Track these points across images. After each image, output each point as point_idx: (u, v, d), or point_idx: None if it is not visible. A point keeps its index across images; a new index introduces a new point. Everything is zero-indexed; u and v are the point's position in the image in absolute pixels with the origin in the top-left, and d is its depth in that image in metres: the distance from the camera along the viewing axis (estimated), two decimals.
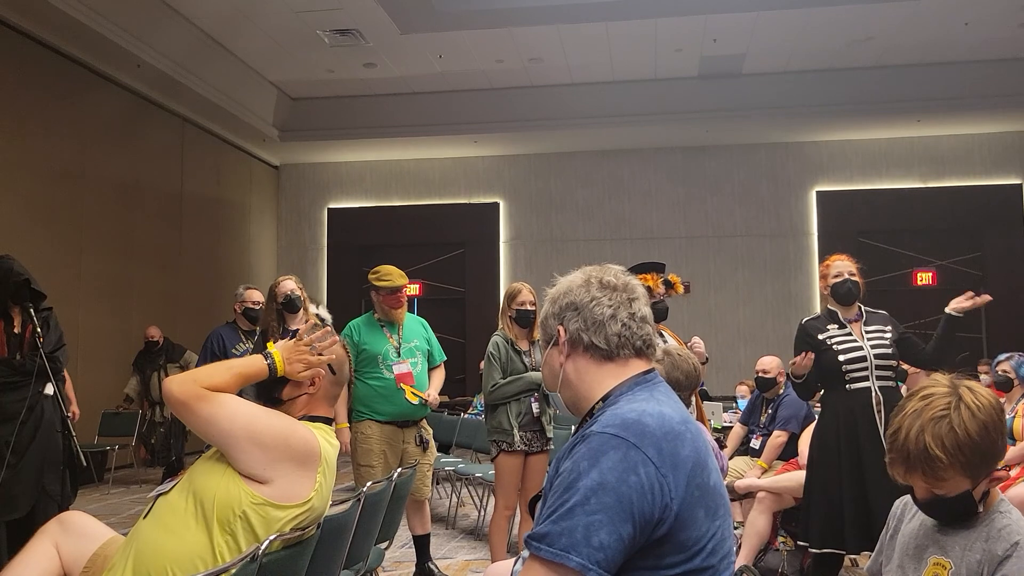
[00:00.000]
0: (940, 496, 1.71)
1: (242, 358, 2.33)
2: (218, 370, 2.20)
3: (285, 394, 2.32)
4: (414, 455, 4.48)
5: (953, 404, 1.66)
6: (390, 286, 4.52)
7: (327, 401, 2.38)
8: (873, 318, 3.90)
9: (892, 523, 1.98)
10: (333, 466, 2.29)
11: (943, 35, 9.82)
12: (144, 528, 2.13)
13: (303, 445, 2.16)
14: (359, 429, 4.45)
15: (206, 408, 2.09)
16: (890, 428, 1.73)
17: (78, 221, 8.95)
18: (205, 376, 2.16)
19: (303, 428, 2.20)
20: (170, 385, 2.13)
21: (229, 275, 11.89)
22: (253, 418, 2.13)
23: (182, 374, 2.19)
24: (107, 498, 7.76)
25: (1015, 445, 4.89)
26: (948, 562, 1.74)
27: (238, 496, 2.07)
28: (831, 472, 3.72)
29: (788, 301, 12.11)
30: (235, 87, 10.68)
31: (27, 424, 3.73)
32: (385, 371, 4.44)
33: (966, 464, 1.65)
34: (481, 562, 5.03)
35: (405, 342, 4.57)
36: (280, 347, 2.32)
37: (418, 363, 4.56)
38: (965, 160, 12.01)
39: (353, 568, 2.97)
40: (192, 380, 2.13)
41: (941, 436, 1.63)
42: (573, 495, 1.37)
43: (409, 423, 4.51)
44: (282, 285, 4.72)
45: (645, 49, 10.29)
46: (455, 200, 13.07)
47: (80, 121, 9.00)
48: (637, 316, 1.62)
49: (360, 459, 4.42)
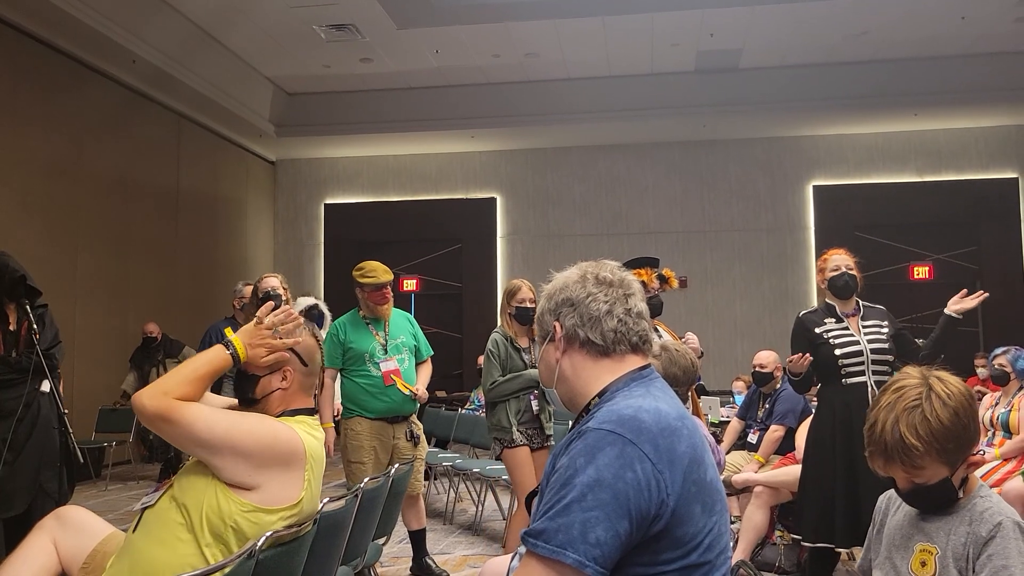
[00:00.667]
0: (921, 485, 1.76)
1: (202, 353, 2.23)
2: (184, 375, 2.10)
3: (259, 392, 2.25)
4: (405, 450, 4.46)
5: (924, 394, 1.73)
6: (375, 283, 4.47)
7: (303, 392, 2.31)
8: (871, 313, 3.90)
9: (878, 518, 2.01)
10: (321, 459, 2.25)
11: (939, 29, 9.82)
12: (136, 542, 2.09)
13: (286, 447, 2.11)
14: (349, 426, 4.41)
15: (182, 418, 2.00)
16: (867, 422, 1.79)
17: (73, 217, 8.93)
18: (174, 385, 2.06)
19: (284, 429, 2.14)
20: (141, 399, 2.02)
21: (226, 271, 11.87)
22: (231, 426, 2.05)
23: (150, 386, 2.07)
24: (104, 494, 7.75)
25: (1011, 439, 4.90)
26: (934, 547, 1.79)
27: (227, 507, 2.03)
28: (825, 467, 3.72)
29: (785, 296, 12.13)
30: (231, 82, 10.65)
31: (24, 421, 3.72)
32: (373, 369, 4.40)
33: (941, 451, 1.71)
34: (479, 557, 5.04)
35: (392, 339, 4.52)
36: (241, 333, 2.23)
37: (405, 359, 4.52)
38: (961, 154, 12.02)
39: (351, 564, 2.98)
40: (162, 392, 2.03)
41: (915, 425, 1.70)
42: (570, 491, 1.37)
43: (399, 419, 4.47)
44: (264, 282, 4.70)
45: (642, 44, 10.28)
46: (452, 195, 13.06)
47: (75, 116, 8.97)
48: (633, 312, 1.62)
49: (351, 456, 4.38)
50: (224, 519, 2.03)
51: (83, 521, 2.40)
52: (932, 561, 1.78)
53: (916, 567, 1.80)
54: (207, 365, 2.15)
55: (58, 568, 2.33)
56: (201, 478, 2.08)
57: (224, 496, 2.04)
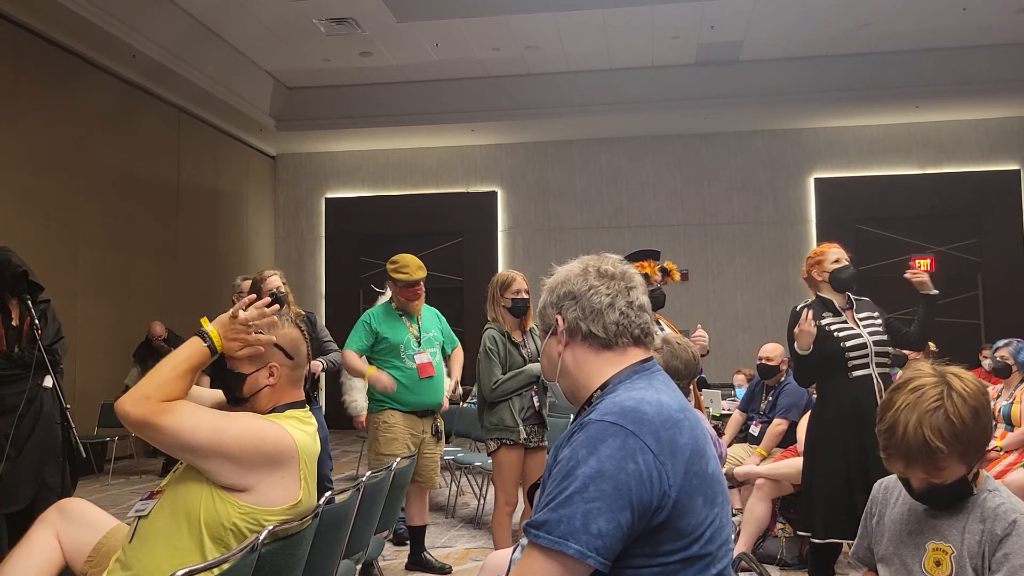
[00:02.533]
0: (938, 484, 1.71)
1: (180, 347, 2.16)
2: (164, 375, 2.02)
3: (247, 390, 2.21)
4: (429, 445, 4.50)
5: (944, 393, 1.67)
6: (408, 279, 4.45)
7: (292, 386, 2.27)
8: (862, 305, 3.90)
9: (875, 508, 1.97)
10: (314, 453, 2.21)
11: (941, 21, 9.79)
12: (135, 552, 2.06)
13: (274, 448, 2.07)
14: (382, 418, 4.40)
15: (167, 423, 1.95)
16: (883, 423, 1.73)
17: (74, 211, 8.92)
18: (155, 387, 1.99)
19: (273, 428, 2.10)
20: (124, 406, 1.95)
21: (227, 265, 11.87)
22: (218, 429, 1.99)
23: (131, 391, 1.99)
24: (107, 488, 7.77)
25: (1013, 431, 4.90)
26: (948, 547, 1.75)
27: (224, 509, 2.02)
28: (835, 462, 3.65)
29: (786, 289, 12.11)
30: (231, 76, 10.63)
31: (26, 417, 3.72)
32: (407, 361, 4.42)
33: (963, 451, 1.67)
34: (481, 550, 5.05)
35: (424, 332, 4.56)
36: (216, 324, 2.16)
37: (437, 353, 4.58)
38: (963, 146, 11.99)
39: (353, 558, 2.98)
40: (144, 396, 1.96)
41: (939, 427, 1.64)
42: (572, 483, 1.37)
43: (428, 413, 4.53)
44: (268, 281, 4.64)
45: (642, 36, 10.25)
46: (453, 189, 13.04)
47: (75, 111, 8.95)
48: (635, 304, 1.62)
49: (383, 448, 4.34)
50: (223, 522, 2.01)
51: (86, 514, 2.39)
52: (947, 561, 1.74)
53: (930, 566, 1.77)
54: (186, 361, 2.08)
55: (62, 561, 2.32)
56: (195, 483, 2.05)
57: (220, 499, 2.02)
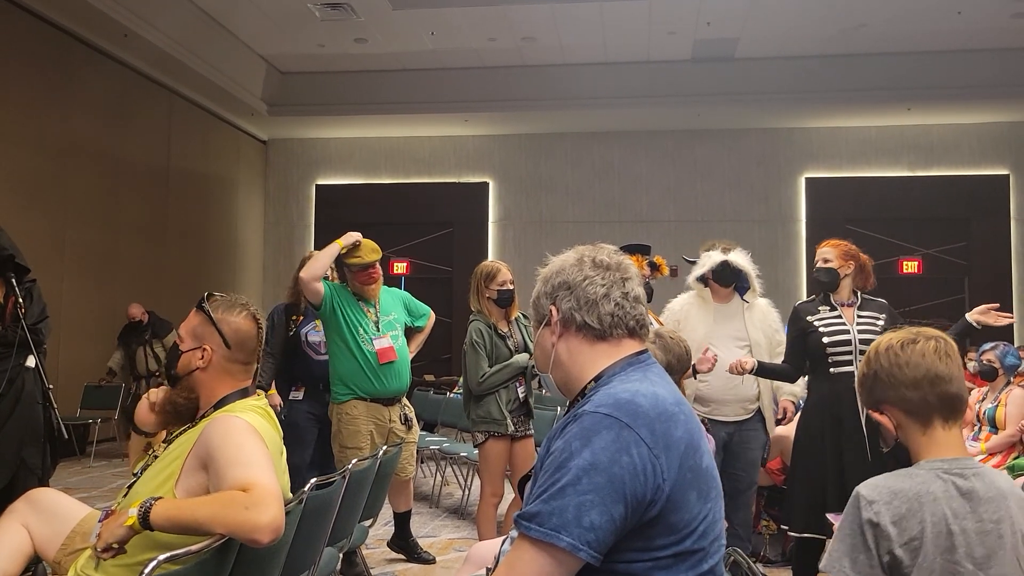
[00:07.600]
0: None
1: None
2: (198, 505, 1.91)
3: (180, 368, 2.19)
4: (399, 434, 4.35)
5: (918, 336, 1.76)
6: (360, 263, 4.30)
7: (230, 377, 2.19)
8: (869, 305, 3.92)
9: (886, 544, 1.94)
10: (278, 441, 2.19)
11: (936, 24, 9.81)
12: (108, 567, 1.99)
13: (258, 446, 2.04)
14: (343, 410, 4.23)
15: (272, 507, 1.86)
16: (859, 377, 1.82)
17: (62, 193, 8.83)
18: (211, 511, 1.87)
19: (253, 435, 2.02)
20: (264, 532, 1.84)
21: (215, 250, 11.80)
22: (267, 466, 1.98)
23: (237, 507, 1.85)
24: (89, 471, 7.72)
25: (998, 434, 4.93)
26: None
27: None
28: (815, 457, 3.71)
29: (776, 287, 12.09)
30: (224, 60, 10.53)
31: (7, 396, 3.68)
32: (366, 345, 4.24)
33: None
34: (465, 540, 5.04)
35: (384, 315, 4.38)
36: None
37: (398, 336, 4.39)
38: (954, 150, 12.04)
39: (337, 545, 2.97)
40: (240, 504, 1.85)
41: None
42: (564, 475, 1.36)
43: (394, 401, 4.35)
44: None
45: (638, 31, 10.22)
46: (444, 179, 12.99)
47: (66, 93, 8.85)
48: (630, 296, 1.60)
49: (347, 441, 4.18)
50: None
51: (57, 504, 2.36)
52: None
53: None
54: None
55: (31, 551, 2.30)
56: (165, 494, 1.98)
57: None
